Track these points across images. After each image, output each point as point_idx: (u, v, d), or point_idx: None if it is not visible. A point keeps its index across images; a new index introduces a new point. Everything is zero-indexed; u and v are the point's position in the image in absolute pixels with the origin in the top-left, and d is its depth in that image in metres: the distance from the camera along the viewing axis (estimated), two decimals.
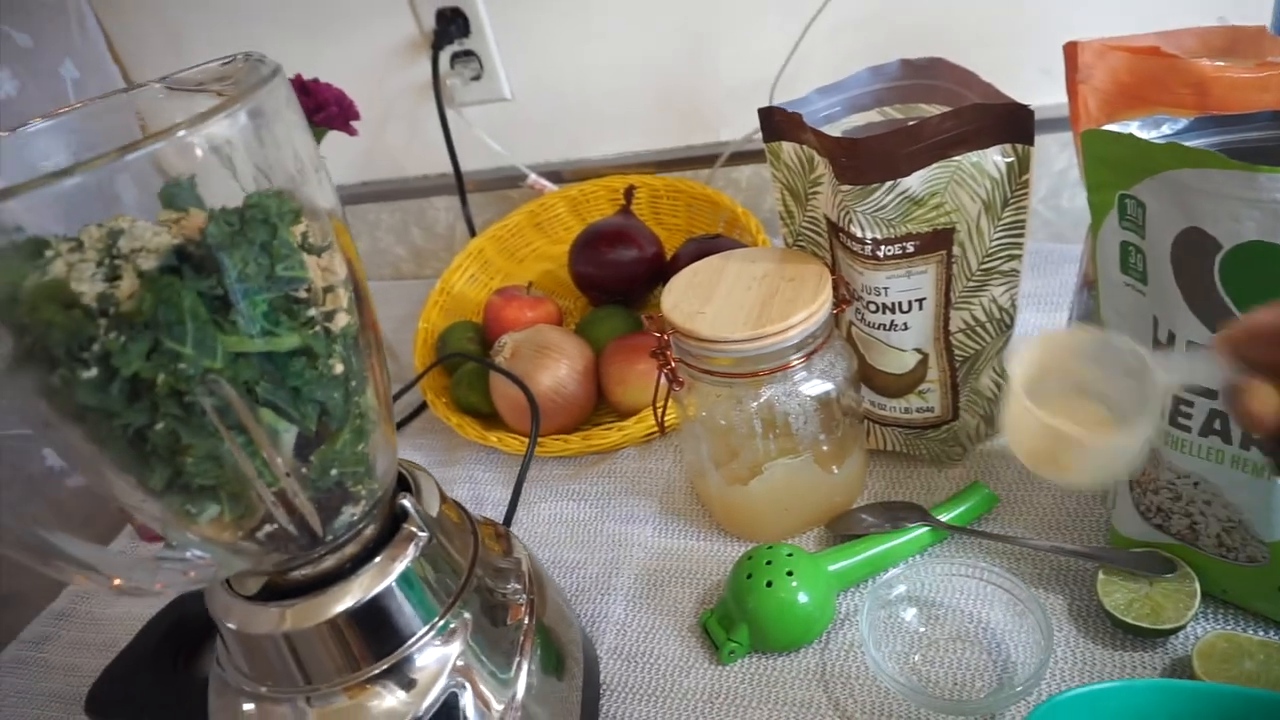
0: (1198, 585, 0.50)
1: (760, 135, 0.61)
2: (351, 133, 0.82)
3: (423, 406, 0.86)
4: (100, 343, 0.31)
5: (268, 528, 0.39)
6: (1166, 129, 0.44)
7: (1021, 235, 0.55)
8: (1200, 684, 0.44)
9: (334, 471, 0.40)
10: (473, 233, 1.06)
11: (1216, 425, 0.45)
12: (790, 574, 0.55)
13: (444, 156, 1.03)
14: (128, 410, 0.33)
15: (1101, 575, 0.52)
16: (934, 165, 0.52)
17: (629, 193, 0.91)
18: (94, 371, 0.31)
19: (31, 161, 0.38)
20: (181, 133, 0.31)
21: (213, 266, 0.33)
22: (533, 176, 1.02)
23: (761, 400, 0.57)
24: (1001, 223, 0.55)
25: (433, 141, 1.04)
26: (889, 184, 0.53)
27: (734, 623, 0.56)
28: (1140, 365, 0.36)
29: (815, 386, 0.58)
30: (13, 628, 0.77)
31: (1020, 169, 0.53)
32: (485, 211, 1.09)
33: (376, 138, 1.08)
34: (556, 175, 1.04)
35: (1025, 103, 0.51)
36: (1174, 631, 0.50)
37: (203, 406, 0.33)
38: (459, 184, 1.04)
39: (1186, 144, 0.41)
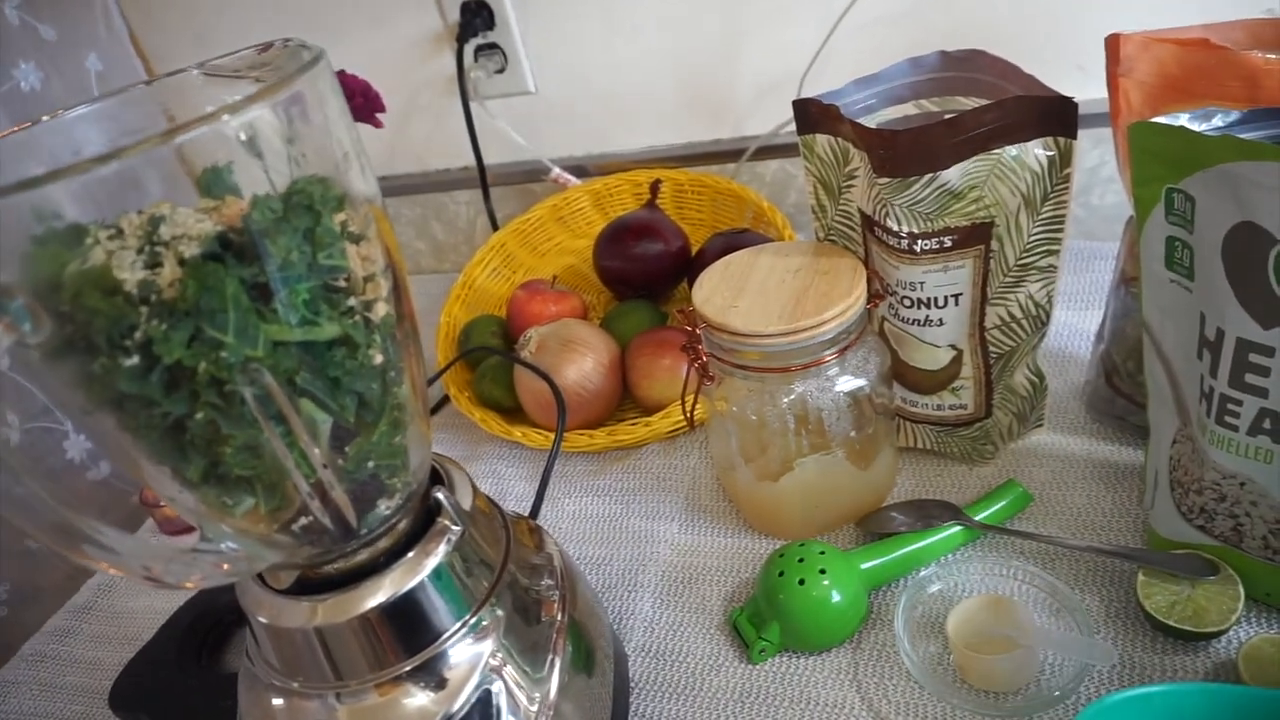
0: (1241, 588, 0.49)
1: (787, 129, 0.60)
2: (377, 125, 0.82)
3: (445, 400, 0.86)
4: (142, 330, 0.30)
5: (303, 520, 0.39)
6: (1218, 121, 0.43)
7: (1061, 230, 0.54)
8: (1249, 688, 0.43)
9: (370, 464, 0.39)
10: (495, 226, 1.05)
11: (1266, 424, 0.44)
12: (823, 572, 0.54)
13: (466, 150, 1.03)
14: (167, 399, 0.32)
15: (1141, 576, 0.51)
16: (974, 158, 0.52)
17: (655, 186, 0.90)
18: (135, 359, 0.31)
19: (71, 148, 0.38)
20: (226, 117, 0.30)
21: (254, 254, 0.32)
22: (556, 170, 1.02)
23: (794, 396, 0.57)
24: (1041, 217, 0.54)
25: (455, 135, 1.03)
26: (928, 177, 0.52)
27: (765, 621, 0.55)
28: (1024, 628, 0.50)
29: (848, 383, 0.57)
30: (28, 624, 0.77)
31: (1062, 163, 0.52)
32: (507, 205, 1.09)
33: (398, 131, 1.08)
34: (580, 169, 1.03)
35: None
36: (1217, 635, 0.49)
37: (243, 396, 0.33)
38: (482, 177, 1.04)
39: (1241, 136, 0.40)
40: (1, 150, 0.37)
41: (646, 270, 0.85)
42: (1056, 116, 0.50)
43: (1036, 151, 0.52)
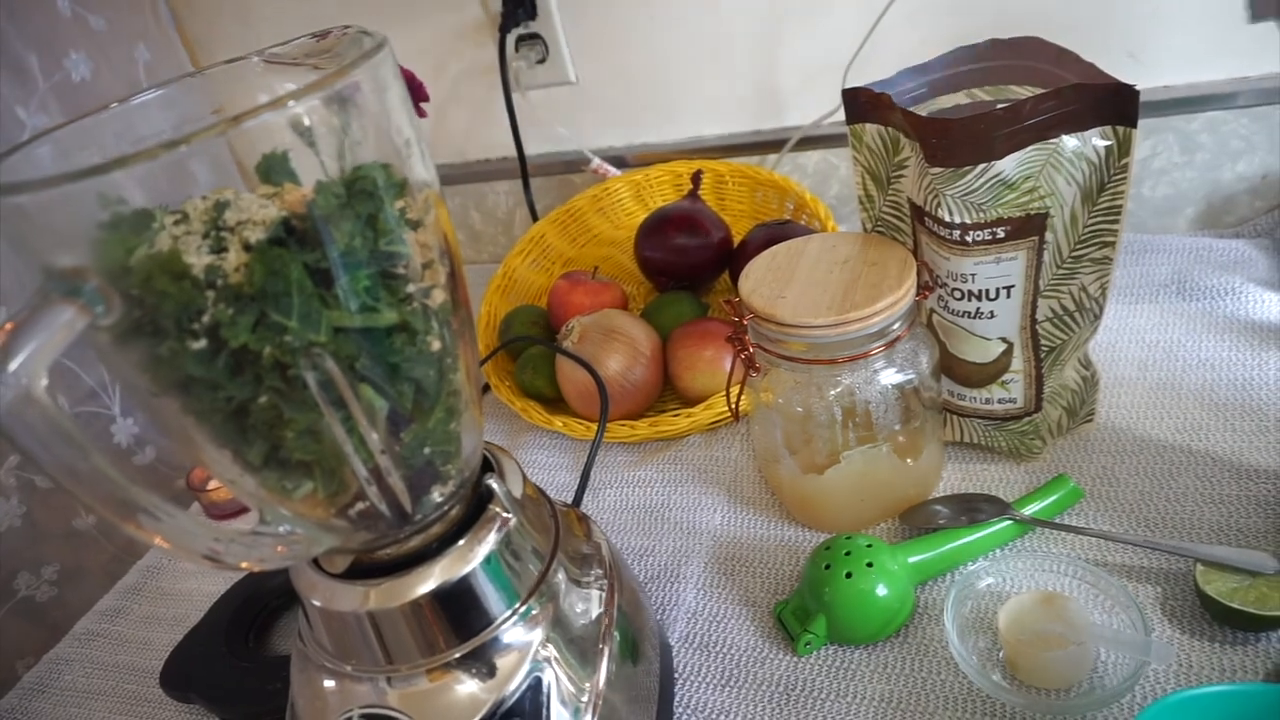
0: None
1: (829, 120, 0.59)
2: (421, 114, 0.82)
3: (485, 390, 0.86)
4: (209, 314, 0.31)
5: (360, 505, 0.39)
6: None
7: (1117, 221, 0.53)
8: None
9: (426, 450, 0.39)
10: (535, 217, 1.06)
11: None
12: (870, 565, 0.54)
13: (506, 140, 1.03)
14: (232, 382, 0.32)
15: (1200, 567, 0.50)
16: (1030, 148, 0.51)
17: (696, 177, 0.90)
18: (202, 343, 0.31)
19: (131, 135, 0.38)
20: (291, 103, 0.31)
21: (317, 239, 0.32)
22: (596, 161, 1.01)
23: (840, 388, 0.56)
24: (1097, 208, 0.53)
25: (495, 125, 1.04)
26: (981, 167, 0.51)
27: (810, 614, 0.55)
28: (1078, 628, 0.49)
29: (895, 375, 0.56)
30: (74, 604, 0.78)
31: (1120, 152, 0.51)
32: (546, 196, 1.09)
33: (439, 121, 1.08)
34: (620, 160, 1.03)
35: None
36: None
37: (305, 380, 0.33)
38: (522, 168, 1.04)
39: None
40: (65, 138, 0.37)
41: (689, 262, 0.85)
42: (1116, 105, 0.49)
43: (1095, 140, 0.51)
